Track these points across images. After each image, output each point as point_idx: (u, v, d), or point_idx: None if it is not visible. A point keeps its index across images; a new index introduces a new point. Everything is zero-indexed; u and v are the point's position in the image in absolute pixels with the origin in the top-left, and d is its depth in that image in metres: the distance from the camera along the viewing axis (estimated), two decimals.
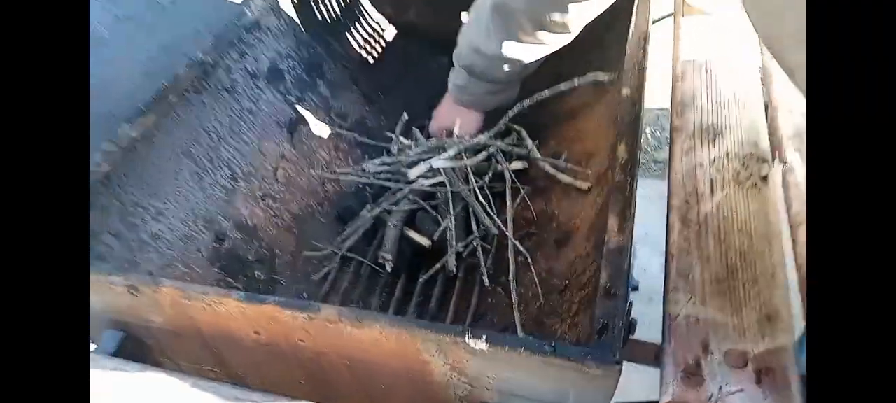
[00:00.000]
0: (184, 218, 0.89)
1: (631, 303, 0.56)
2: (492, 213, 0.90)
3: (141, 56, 0.97)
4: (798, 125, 0.73)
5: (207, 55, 0.97)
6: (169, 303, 0.63)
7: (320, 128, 1.11)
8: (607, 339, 0.52)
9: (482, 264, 0.87)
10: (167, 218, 0.87)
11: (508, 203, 0.89)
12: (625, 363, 0.50)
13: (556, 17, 0.84)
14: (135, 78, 0.94)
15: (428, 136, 1.06)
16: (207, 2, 1.11)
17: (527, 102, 0.96)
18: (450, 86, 1.02)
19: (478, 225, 0.89)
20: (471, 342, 0.53)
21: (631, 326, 0.58)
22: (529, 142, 0.99)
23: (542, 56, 0.91)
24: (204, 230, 0.91)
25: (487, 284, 0.85)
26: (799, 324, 0.56)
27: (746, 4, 0.53)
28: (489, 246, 0.90)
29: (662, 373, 0.54)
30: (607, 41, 0.96)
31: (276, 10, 1.12)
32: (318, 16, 1.20)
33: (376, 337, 0.57)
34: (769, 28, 0.51)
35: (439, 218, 0.91)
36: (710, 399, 0.51)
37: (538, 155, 0.96)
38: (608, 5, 0.86)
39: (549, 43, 0.88)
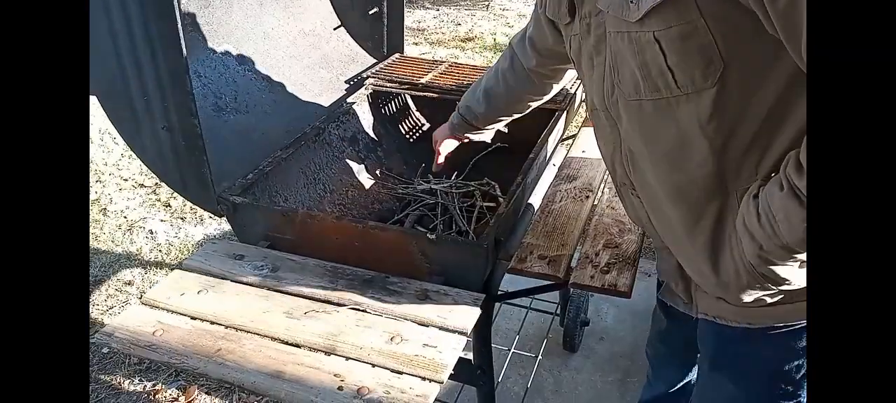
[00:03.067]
0: (297, 205, 1.65)
1: (501, 235, 1.28)
2: (462, 220, 1.62)
3: (286, 121, 1.78)
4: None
5: (320, 124, 1.78)
6: (299, 221, 1.38)
7: (375, 173, 1.89)
8: (481, 238, 1.24)
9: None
10: (289, 203, 1.63)
11: (475, 214, 1.62)
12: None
13: (520, 103, 1.45)
14: (281, 133, 1.74)
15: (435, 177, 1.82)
16: (322, 98, 1.93)
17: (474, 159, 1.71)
18: (449, 121, 1.61)
19: (454, 226, 1.62)
20: (428, 235, 1.25)
21: (499, 243, 1.29)
22: (497, 189, 1.73)
23: (510, 118, 1.52)
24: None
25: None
26: (574, 250, 1.27)
27: None
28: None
29: (510, 261, 1.24)
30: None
31: (360, 107, 1.93)
32: (383, 111, 2.01)
33: (389, 237, 1.30)
34: None
35: (434, 219, 1.65)
36: (526, 266, 1.21)
37: (499, 193, 1.69)
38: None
39: (512, 116, 1.51)
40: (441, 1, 6.18)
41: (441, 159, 1.63)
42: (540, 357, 2.17)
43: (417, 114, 2.11)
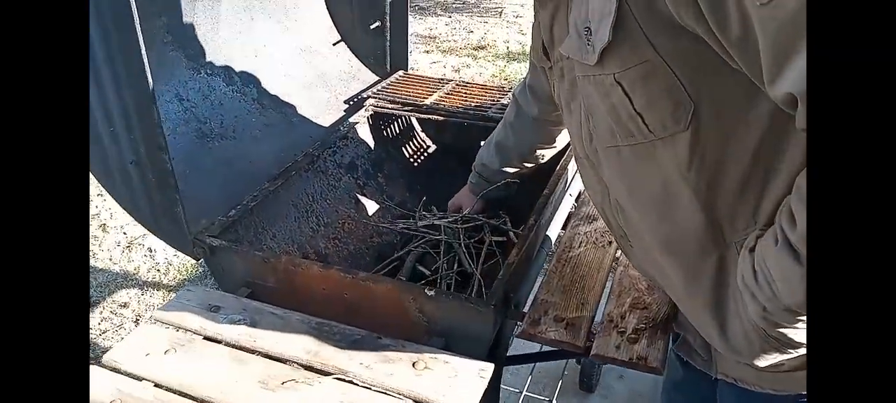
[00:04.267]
0: (287, 241, 1.49)
1: (511, 290, 1.11)
2: (469, 260, 1.46)
3: (276, 148, 1.62)
4: None
5: (315, 151, 1.62)
6: (282, 269, 1.22)
7: (374, 203, 1.72)
8: (489, 297, 1.07)
9: (452, 286, 1.41)
10: (278, 240, 1.48)
11: (483, 254, 1.45)
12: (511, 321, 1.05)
13: (531, 155, 1.40)
14: (270, 160, 1.59)
15: (441, 209, 1.65)
16: (318, 120, 1.77)
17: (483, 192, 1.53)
18: (468, 181, 1.57)
19: (457, 266, 1.45)
20: (426, 292, 1.09)
21: (509, 300, 1.12)
22: (508, 222, 1.56)
23: (525, 171, 1.46)
24: (296, 250, 1.51)
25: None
26: (596, 309, 1.10)
27: None
28: (461, 279, 1.45)
29: (522, 322, 1.08)
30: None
31: (359, 129, 1.77)
32: (385, 134, 1.85)
33: (382, 290, 1.13)
34: None
35: (437, 258, 1.48)
36: (539, 331, 1.04)
37: (509, 228, 1.52)
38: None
39: (530, 166, 1.44)
40: (453, 8, 6.02)
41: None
42: (555, 401, 2.01)
43: (422, 135, 1.95)
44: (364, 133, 1.78)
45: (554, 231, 1.41)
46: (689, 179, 0.77)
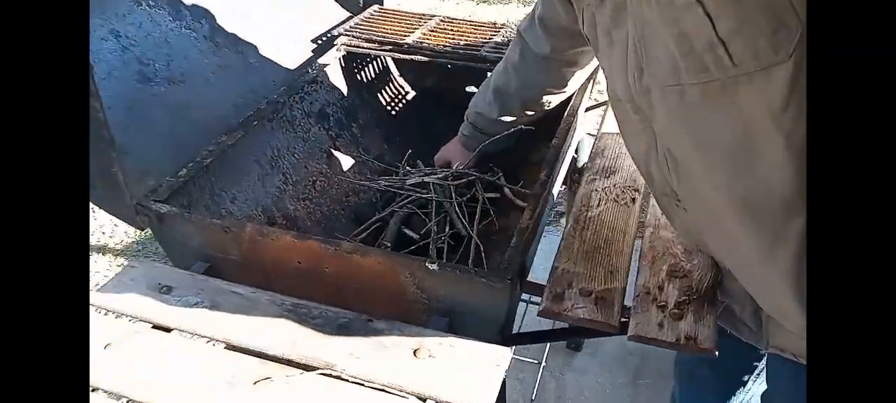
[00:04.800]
0: (249, 204, 1.28)
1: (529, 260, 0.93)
2: (464, 221, 1.27)
3: (233, 93, 1.38)
4: None
5: (280, 97, 1.39)
6: (247, 238, 1.01)
7: (349, 157, 1.51)
8: (505, 269, 0.89)
9: (444, 253, 1.22)
10: (239, 203, 1.26)
11: (477, 214, 1.26)
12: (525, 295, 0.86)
13: (537, 101, 1.22)
14: (228, 109, 1.35)
15: (427, 164, 1.45)
16: (282, 61, 1.53)
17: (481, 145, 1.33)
18: (459, 132, 1.39)
19: (450, 228, 1.26)
20: (428, 265, 0.90)
21: (523, 270, 0.94)
22: (502, 177, 1.37)
23: (525, 121, 1.28)
24: (261, 214, 1.29)
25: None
26: (627, 278, 0.93)
27: None
28: (453, 243, 1.26)
29: (542, 298, 0.90)
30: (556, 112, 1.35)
31: (329, 71, 1.54)
32: (359, 77, 1.62)
33: (371, 263, 0.94)
34: None
35: (426, 221, 1.29)
36: (565, 309, 0.87)
37: (504, 183, 1.34)
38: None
39: (533, 115, 1.26)
40: None
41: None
42: (544, 363, 1.88)
43: (401, 80, 1.73)
44: (335, 76, 1.56)
45: (555, 189, 1.24)
46: (782, 123, 0.64)
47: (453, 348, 0.87)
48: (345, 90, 1.57)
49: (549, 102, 1.22)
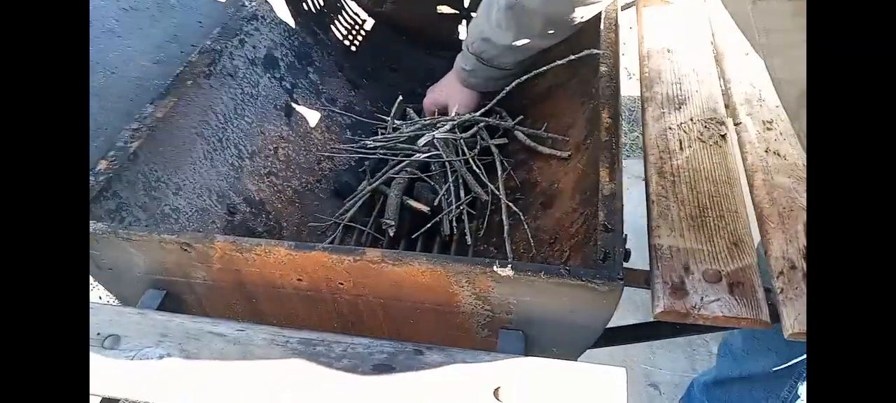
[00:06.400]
0: (199, 193, 0.96)
1: (626, 236, 0.67)
2: (486, 182, 1.00)
3: (149, 45, 1.02)
4: (748, 93, 0.87)
5: (212, 43, 1.04)
6: (219, 257, 0.71)
7: (313, 111, 1.19)
8: (610, 263, 0.63)
9: (466, 226, 0.96)
10: (186, 193, 0.94)
11: (498, 169, 1.00)
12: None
13: (565, 16, 0.94)
14: (145, 64, 1.00)
15: (419, 112, 1.16)
16: None
17: (514, 83, 1.05)
18: (456, 68, 1.10)
19: (467, 193, 0.99)
20: (498, 270, 0.63)
21: (626, 255, 0.69)
22: (510, 120, 1.10)
23: (546, 46, 1.01)
24: (217, 204, 0.98)
25: (469, 243, 0.95)
26: (758, 247, 0.69)
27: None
28: (475, 213, 1.00)
29: (653, 291, 0.65)
30: (585, 26, 1.08)
31: (270, 1, 1.19)
32: (305, 6, 1.28)
33: (413, 274, 0.66)
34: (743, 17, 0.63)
35: (436, 187, 1.01)
36: (694, 307, 0.63)
37: (522, 129, 1.07)
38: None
39: (557, 36, 0.99)
40: None
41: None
42: None
43: (353, 4, 1.39)
44: (279, 7, 1.21)
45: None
46: None
47: (547, 377, 0.62)
48: (292, 24, 1.23)
49: (582, 16, 0.95)
